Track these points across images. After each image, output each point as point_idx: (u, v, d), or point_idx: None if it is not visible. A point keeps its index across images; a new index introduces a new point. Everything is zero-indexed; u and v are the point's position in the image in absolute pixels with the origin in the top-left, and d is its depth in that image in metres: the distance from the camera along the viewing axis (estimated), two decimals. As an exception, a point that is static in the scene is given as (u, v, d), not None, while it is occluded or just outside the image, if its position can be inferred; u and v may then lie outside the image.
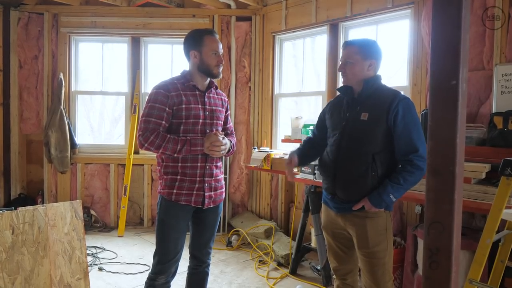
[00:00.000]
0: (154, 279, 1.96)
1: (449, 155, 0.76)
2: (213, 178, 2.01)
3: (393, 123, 1.74)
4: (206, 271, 2.15)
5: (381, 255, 1.79)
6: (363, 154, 1.78)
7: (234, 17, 4.53)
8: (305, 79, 4.26)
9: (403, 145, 1.73)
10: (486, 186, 2.22)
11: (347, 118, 1.87)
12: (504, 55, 2.62)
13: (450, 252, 0.77)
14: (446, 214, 0.77)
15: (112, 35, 4.58)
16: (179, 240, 1.97)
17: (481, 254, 1.50)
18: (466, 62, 0.77)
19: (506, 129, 2.29)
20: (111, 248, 3.79)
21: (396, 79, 3.48)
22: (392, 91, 1.83)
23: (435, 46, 0.77)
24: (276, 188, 4.34)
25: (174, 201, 1.93)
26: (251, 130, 4.61)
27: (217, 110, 2.04)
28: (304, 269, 3.39)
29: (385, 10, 3.37)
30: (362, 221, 1.80)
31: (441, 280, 0.77)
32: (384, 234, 1.80)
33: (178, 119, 1.92)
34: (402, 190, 1.73)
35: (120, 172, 4.59)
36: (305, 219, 3.34)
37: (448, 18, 0.75)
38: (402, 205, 3.22)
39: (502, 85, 2.55)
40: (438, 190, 0.78)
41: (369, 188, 1.77)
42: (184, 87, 1.96)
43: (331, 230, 1.98)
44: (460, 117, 0.74)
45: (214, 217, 2.08)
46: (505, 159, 1.40)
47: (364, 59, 1.83)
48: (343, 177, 1.84)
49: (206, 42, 1.94)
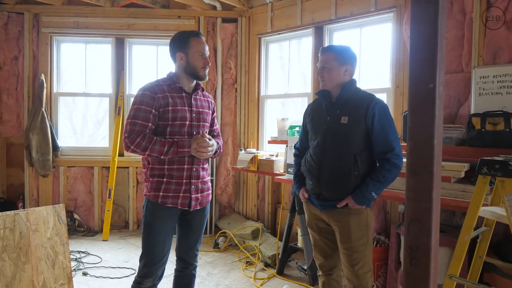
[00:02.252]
0: (141, 283, 1.95)
1: (427, 156, 0.79)
2: (200, 180, 2.01)
3: (371, 125, 1.87)
4: (193, 273, 2.15)
5: (361, 249, 1.90)
6: (345, 155, 1.89)
7: (220, 18, 4.53)
8: (291, 80, 4.29)
9: (380, 145, 1.87)
10: (465, 184, 2.29)
11: (328, 121, 1.97)
12: (482, 58, 2.70)
13: (429, 249, 0.80)
14: (425, 213, 0.80)
15: (95, 36, 4.53)
16: (166, 242, 1.97)
17: (460, 250, 1.55)
18: (443, 66, 0.80)
19: (483, 129, 2.37)
20: (96, 252, 3.74)
21: (379, 81, 3.54)
22: (368, 95, 1.96)
23: (413, 51, 0.80)
24: (262, 189, 4.36)
25: (160, 204, 1.92)
26: (237, 131, 4.62)
27: (203, 112, 2.04)
28: (291, 269, 3.42)
29: (368, 13, 3.44)
30: (346, 217, 1.91)
31: (421, 276, 0.80)
32: (365, 229, 1.92)
33: (164, 121, 1.92)
34: (382, 187, 1.87)
35: (104, 175, 4.53)
36: (292, 219, 3.36)
37: (426, 24, 0.78)
38: (386, 204, 3.28)
39: (480, 87, 2.64)
40: (417, 190, 0.81)
41: (353, 186, 1.89)
42: (170, 89, 1.96)
43: (317, 226, 2.08)
44: (437, 119, 0.77)
45: (201, 219, 2.08)
46: (482, 158, 1.45)
47: (341, 65, 1.94)
48: (328, 178, 1.93)
49: (192, 44, 1.94)
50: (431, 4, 0.78)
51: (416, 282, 0.82)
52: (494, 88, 2.57)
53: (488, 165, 1.40)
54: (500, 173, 1.36)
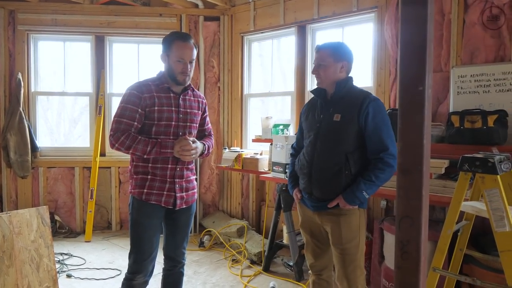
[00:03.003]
0: (132, 279, 1.96)
1: (417, 155, 0.83)
2: (184, 179, 2.02)
3: (364, 123, 1.82)
4: (181, 271, 2.17)
5: (353, 251, 1.86)
6: (336, 154, 1.86)
7: (202, 16, 4.51)
8: (274, 79, 4.32)
9: (374, 144, 1.82)
10: (446, 180, 2.38)
11: (321, 119, 1.94)
12: (460, 58, 2.80)
13: (419, 244, 0.84)
14: (415, 209, 0.84)
15: (74, 34, 4.43)
16: (154, 238, 1.98)
17: (443, 244, 1.62)
18: (431, 70, 0.85)
19: (462, 127, 2.46)
20: (79, 254, 3.67)
21: (361, 80, 3.61)
22: (363, 93, 1.91)
23: (403, 55, 0.83)
24: (247, 187, 4.38)
25: (145, 201, 1.94)
26: (221, 130, 4.63)
27: (192, 113, 2.04)
28: (276, 266, 3.46)
29: (350, 13, 3.50)
30: (337, 218, 1.87)
31: (412, 269, 0.84)
32: (357, 231, 1.87)
33: (150, 120, 1.93)
34: (374, 186, 1.82)
35: (85, 176, 4.45)
36: (277, 217, 3.40)
37: (415, 28, 0.82)
38: (369, 200, 3.36)
39: (458, 86, 2.74)
40: (407, 187, 0.85)
41: (343, 186, 1.84)
42: (158, 89, 1.96)
43: (309, 228, 2.05)
44: (426, 120, 0.82)
45: (187, 217, 2.09)
46: (463, 156, 1.52)
47: (336, 62, 1.90)
48: (318, 177, 1.90)
49: (173, 48, 1.93)
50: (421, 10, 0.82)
51: (407, 275, 0.86)
52: (471, 87, 2.67)
53: (469, 162, 1.47)
54: (480, 169, 1.43)
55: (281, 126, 3.78)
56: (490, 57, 2.68)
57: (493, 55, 2.68)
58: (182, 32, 1.97)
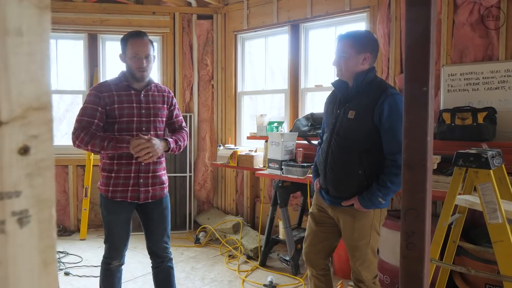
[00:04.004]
0: (110, 263, 2.12)
1: (421, 151, 0.89)
2: (150, 174, 2.08)
3: (379, 122, 1.73)
4: (169, 265, 2.22)
5: (363, 248, 1.86)
6: (350, 152, 1.80)
7: (195, 15, 4.53)
8: (267, 77, 4.38)
9: (389, 144, 1.73)
10: (438, 175, 2.47)
11: (337, 115, 1.86)
12: (450, 57, 2.90)
13: (423, 234, 0.90)
14: (420, 202, 0.91)
15: (67, 32, 4.40)
16: (123, 232, 2.10)
17: (439, 236, 1.70)
18: (434, 72, 0.91)
19: (453, 124, 2.56)
20: (75, 252, 3.68)
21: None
22: (382, 87, 1.79)
23: (409, 58, 0.89)
24: (241, 184, 4.43)
25: (111, 199, 2.03)
26: (215, 127, 4.66)
27: (155, 107, 2.10)
28: (273, 261, 3.53)
29: (343, 13, 3.57)
30: (350, 217, 1.86)
31: (417, 259, 0.91)
32: (368, 231, 1.84)
33: (112, 118, 2.01)
34: (391, 192, 1.75)
35: (79, 174, 4.44)
36: (274, 212, 3.46)
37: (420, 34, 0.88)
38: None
39: (449, 84, 2.83)
40: (413, 182, 0.91)
41: (357, 186, 1.80)
42: (118, 88, 2.04)
43: (319, 218, 2.03)
44: (429, 118, 0.88)
45: (160, 212, 2.14)
46: (458, 151, 1.59)
47: (358, 53, 1.77)
48: (332, 176, 1.87)
49: (129, 46, 2.01)
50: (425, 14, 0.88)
51: (413, 264, 0.92)
52: (461, 85, 2.77)
53: (463, 157, 1.54)
54: (474, 164, 1.51)
55: (276, 124, 3.84)
56: (479, 56, 2.78)
57: (481, 54, 2.78)
58: (136, 30, 2.05)
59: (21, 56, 0.26)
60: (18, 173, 0.27)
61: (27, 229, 0.27)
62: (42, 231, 0.28)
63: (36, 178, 0.27)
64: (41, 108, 0.28)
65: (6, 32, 0.25)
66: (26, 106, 0.27)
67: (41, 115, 0.28)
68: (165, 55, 4.50)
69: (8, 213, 0.26)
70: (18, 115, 0.26)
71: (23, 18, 0.25)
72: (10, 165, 0.26)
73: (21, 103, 0.27)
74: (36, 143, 0.28)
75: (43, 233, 0.28)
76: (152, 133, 2.05)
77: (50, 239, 0.29)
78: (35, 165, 0.28)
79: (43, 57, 0.27)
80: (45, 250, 0.28)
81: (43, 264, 0.28)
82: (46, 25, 0.28)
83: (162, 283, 2.21)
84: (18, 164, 0.27)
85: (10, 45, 0.25)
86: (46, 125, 0.28)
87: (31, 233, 0.28)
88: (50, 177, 0.29)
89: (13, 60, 0.25)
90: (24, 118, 0.27)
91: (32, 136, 0.27)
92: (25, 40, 0.26)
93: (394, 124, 1.71)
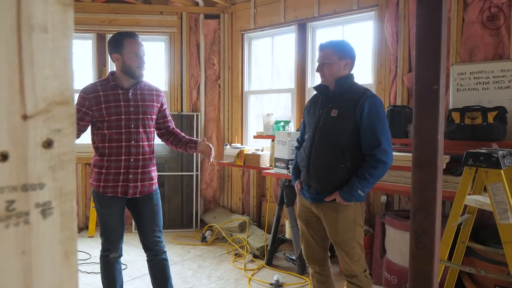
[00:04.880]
0: (107, 256, 2.21)
1: (432, 150, 0.89)
2: (140, 170, 2.14)
3: (359, 119, 1.89)
4: (163, 258, 2.28)
5: (349, 242, 1.97)
6: (333, 148, 1.94)
7: (203, 14, 4.54)
8: (274, 76, 4.37)
9: (368, 140, 1.88)
10: (447, 175, 2.45)
11: (320, 115, 2.02)
12: (460, 56, 2.88)
13: (433, 234, 0.90)
14: (430, 201, 0.90)
15: (76, 31, 4.43)
16: (117, 224, 2.17)
17: (448, 236, 1.69)
18: (445, 70, 0.90)
19: (463, 123, 2.54)
20: (83, 249, 3.71)
21: (362, 77, 3.68)
22: (362, 89, 1.98)
23: (419, 55, 0.89)
24: (247, 183, 4.44)
25: (102, 194, 2.10)
26: (221, 127, 4.67)
27: (144, 105, 2.16)
28: (279, 260, 3.53)
29: (350, 11, 3.56)
30: (333, 211, 1.97)
31: (426, 258, 0.90)
32: (352, 224, 1.96)
33: (101, 117, 2.07)
34: (369, 184, 1.88)
35: (88, 172, 4.47)
36: (280, 211, 3.46)
37: (431, 32, 0.88)
38: (369, 195, 3.43)
39: (458, 83, 2.81)
40: (423, 181, 0.90)
41: (340, 180, 1.92)
42: (105, 88, 2.09)
43: (306, 218, 2.15)
44: (440, 117, 0.87)
45: (150, 207, 2.21)
46: (468, 151, 1.58)
47: (340, 59, 1.97)
48: (315, 170, 1.99)
49: (126, 45, 2.05)
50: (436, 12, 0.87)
51: (422, 263, 0.92)
52: (471, 84, 2.75)
53: (474, 157, 1.53)
54: (484, 164, 1.49)
55: (282, 123, 3.84)
56: (489, 55, 2.76)
57: (492, 53, 2.76)
58: (129, 31, 2.11)
59: (46, 52, 0.27)
60: (42, 166, 0.28)
61: (49, 220, 0.28)
62: (64, 223, 0.29)
63: (59, 171, 0.28)
64: (64, 102, 0.29)
65: (32, 28, 0.25)
66: (50, 100, 0.27)
67: (64, 110, 0.29)
68: (172, 54, 4.52)
69: (32, 204, 0.27)
70: (43, 109, 0.27)
71: (48, 15, 0.26)
72: (35, 158, 0.27)
73: (45, 98, 0.27)
74: (59, 137, 0.28)
75: (65, 225, 0.29)
76: (141, 130, 2.13)
77: (71, 231, 0.30)
78: (58, 158, 0.28)
79: (66, 53, 0.28)
80: (67, 241, 0.29)
81: (65, 255, 0.29)
82: (70, 22, 0.28)
83: (157, 275, 2.29)
84: (42, 157, 0.28)
85: (36, 41, 0.26)
86: (68, 120, 0.29)
87: (54, 224, 0.28)
88: (72, 171, 0.29)
89: (38, 56, 0.26)
90: (48, 112, 0.27)
91: (56, 130, 0.28)
92: (50, 36, 0.27)
93: (373, 122, 1.87)
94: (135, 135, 2.11)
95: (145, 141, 2.16)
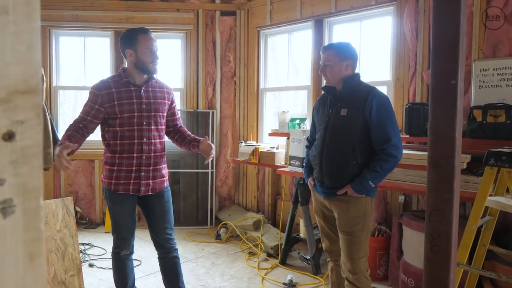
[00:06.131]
0: (119, 253, 2.21)
1: (449, 149, 0.83)
2: (151, 168, 2.13)
3: (368, 116, 1.95)
4: (174, 256, 2.28)
5: (358, 234, 2.00)
6: (344, 145, 2.00)
7: (219, 11, 4.53)
8: (290, 73, 4.32)
9: (378, 136, 1.95)
10: (467, 175, 2.36)
11: (329, 114, 2.08)
12: (482, 52, 2.76)
13: (450, 237, 0.84)
14: (446, 202, 0.85)
15: (94, 29, 4.50)
16: (128, 221, 2.17)
17: (467, 239, 1.62)
18: (463, 63, 0.85)
19: (485, 121, 2.43)
20: (100, 244, 3.77)
21: (380, 74, 3.59)
22: (368, 88, 2.03)
23: (436, 48, 0.83)
24: (262, 181, 4.41)
25: (114, 191, 2.10)
26: (237, 124, 4.65)
27: (156, 103, 2.15)
28: (293, 259, 3.49)
29: (368, 6, 3.47)
30: (345, 204, 2.02)
31: (442, 262, 0.85)
32: (362, 217, 2.01)
33: (113, 114, 2.07)
34: (380, 176, 1.95)
35: (105, 168, 4.54)
36: (294, 210, 3.42)
37: (448, 23, 0.82)
38: (387, 195, 3.35)
39: (480, 79, 2.70)
40: (438, 181, 0.85)
41: (351, 175, 1.99)
42: (117, 85, 2.08)
43: (322, 213, 2.21)
44: (458, 113, 0.82)
45: (162, 204, 2.21)
46: (489, 150, 1.50)
47: (341, 61, 2.03)
48: (328, 167, 2.06)
49: (140, 41, 2.05)
50: (454, 5, 0.82)
51: (438, 268, 0.87)
52: (494, 81, 2.63)
53: (495, 156, 1.46)
54: (507, 164, 1.42)
55: (298, 120, 3.79)
56: (514, 51, 2.63)
57: (517, 49, 2.63)
58: (141, 27, 2.09)
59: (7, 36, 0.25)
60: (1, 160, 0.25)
61: (11, 219, 0.26)
62: (28, 223, 0.27)
63: (22, 166, 0.26)
64: (29, 91, 0.26)
65: (-11, 10, 0.23)
66: (11, 89, 0.25)
67: (28, 99, 0.26)
68: (188, 52, 4.52)
69: (-9, 202, 0.25)
70: (2, 99, 0.25)
71: (8, -5, 0.24)
72: (-7, 151, 0.25)
73: (6, 86, 0.25)
74: (22, 128, 0.26)
75: (29, 225, 0.27)
76: (153, 127, 2.12)
77: (36, 231, 0.27)
78: (21, 152, 0.26)
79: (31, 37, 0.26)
80: (31, 242, 0.27)
81: (29, 258, 0.27)
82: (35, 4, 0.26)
83: (169, 272, 2.28)
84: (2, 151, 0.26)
85: (-7, 24, 0.23)
86: (33, 110, 0.27)
87: (16, 224, 0.26)
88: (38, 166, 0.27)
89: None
90: (9, 102, 0.25)
91: (18, 121, 0.26)
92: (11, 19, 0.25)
93: (382, 118, 1.94)
94: (147, 133, 2.11)
95: (157, 139, 2.16)
